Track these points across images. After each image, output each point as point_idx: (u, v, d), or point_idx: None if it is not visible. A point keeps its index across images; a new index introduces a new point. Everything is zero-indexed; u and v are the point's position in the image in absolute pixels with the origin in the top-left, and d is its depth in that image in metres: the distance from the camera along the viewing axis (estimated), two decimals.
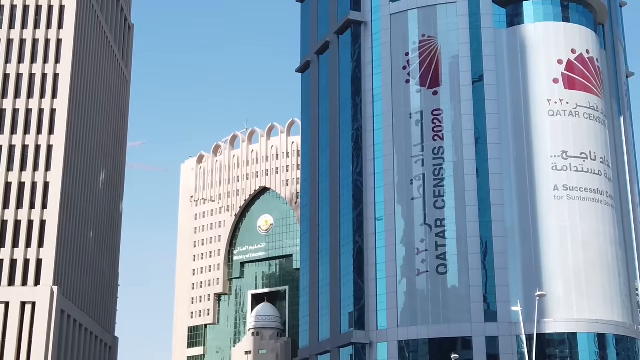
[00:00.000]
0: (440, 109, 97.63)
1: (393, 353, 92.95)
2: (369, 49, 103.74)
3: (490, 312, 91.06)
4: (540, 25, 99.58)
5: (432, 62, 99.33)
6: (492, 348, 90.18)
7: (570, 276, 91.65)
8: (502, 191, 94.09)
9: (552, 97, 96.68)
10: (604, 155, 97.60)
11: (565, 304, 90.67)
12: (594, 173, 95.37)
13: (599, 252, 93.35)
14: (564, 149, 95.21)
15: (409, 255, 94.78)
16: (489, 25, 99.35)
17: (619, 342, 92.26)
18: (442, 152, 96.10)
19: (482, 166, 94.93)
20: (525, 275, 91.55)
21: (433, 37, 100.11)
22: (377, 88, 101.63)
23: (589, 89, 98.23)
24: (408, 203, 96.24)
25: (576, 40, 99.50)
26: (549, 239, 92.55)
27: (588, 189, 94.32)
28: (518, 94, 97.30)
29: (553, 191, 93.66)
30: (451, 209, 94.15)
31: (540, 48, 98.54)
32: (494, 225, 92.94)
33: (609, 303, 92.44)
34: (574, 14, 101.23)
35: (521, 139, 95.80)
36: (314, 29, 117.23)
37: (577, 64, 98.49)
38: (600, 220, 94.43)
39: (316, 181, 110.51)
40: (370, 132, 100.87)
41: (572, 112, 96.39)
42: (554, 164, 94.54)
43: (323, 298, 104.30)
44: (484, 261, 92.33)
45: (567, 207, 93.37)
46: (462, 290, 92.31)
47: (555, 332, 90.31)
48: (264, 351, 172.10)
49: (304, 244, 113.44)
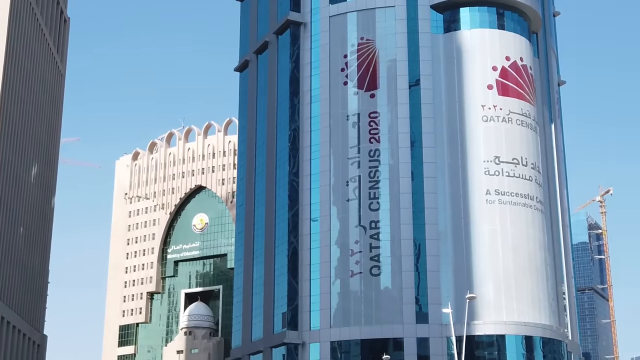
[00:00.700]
0: (377, 112, 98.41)
1: (325, 353, 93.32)
2: (308, 50, 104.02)
3: (422, 314, 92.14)
4: (476, 32, 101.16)
5: (370, 65, 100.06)
6: (422, 349, 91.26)
7: (500, 279, 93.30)
8: (436, 194, 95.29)
9: (486, 103, 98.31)
10: (535, 161, 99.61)
11: (494, 307, 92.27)
12: (524, 178, 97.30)
13: (528, 256, 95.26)
14: (497, 154, 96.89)
15: (343, 256, 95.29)
16: (426, 30, 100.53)
17: (545, 345, 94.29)
18: (378, 155, 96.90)
19: (417, 169, 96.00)
20: (456, 278, 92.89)
21: (371, 40, 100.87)
22: (315, 89, 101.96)
23: (522, 95, 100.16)
24: (343, 204, 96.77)
25: (511, 47, 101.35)
26: (480, 243, 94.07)
27: (519, 194, 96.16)
28: (453, 99, 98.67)
29: (485, 195, 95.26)
30: (386, 211, 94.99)
31: (475, 54, 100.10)
32: (428, 228, 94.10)
33: (536, 306, 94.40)
34: (509, 22, 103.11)
35: (455, 144, 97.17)
36: (254, 29, 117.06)
37: (511, 71, 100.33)
38: (530, 225, 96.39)
39: (252, 181, 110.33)
40: (307, 133, 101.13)
41: (505, 118, 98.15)
42: (486, 169, 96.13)
43: (257, 298, 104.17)
44: (416, 263, 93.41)
45: (498, 212, 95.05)
46: (394, 292, 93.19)
47: (485, 334, 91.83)
48: (196, 350, 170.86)
49: (239, 243, 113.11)
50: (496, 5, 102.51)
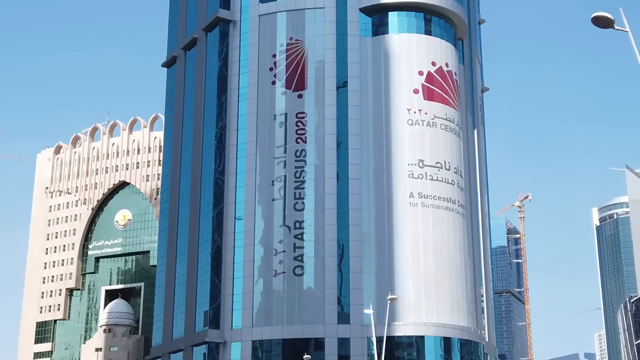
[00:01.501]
0: (305, 112, 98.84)
1: (246, 353, 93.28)
2: (237, 48, 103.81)
3: (344, 314, 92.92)
4: (403, 37, 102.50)
5: (299, 65, 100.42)
6: (343, 349, 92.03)
7: (421, 281, 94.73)
8: (361, 196, 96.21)
9: (412, 107, 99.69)
10: (458, 165, 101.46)
11: (415, 308, 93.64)
12: (447, 182, 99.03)
13: (448, 259, 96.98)
14: (421, 157, 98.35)
15: (267, 255, 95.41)
16: (355, 33, 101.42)
17: (463, 346, 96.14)
18: (304, 155, 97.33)
19: (342, 170, 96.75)
20: (378, 279, 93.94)
21: (300, 40, 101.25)
22: (243, 88, 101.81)
23: (446, 100, 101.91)
24: (268, 204, 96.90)
25: (437, 53, 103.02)
26: (402, 245, 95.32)
27: (441, 198, 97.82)
28: (380, 101, 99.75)
29: (409, 198, 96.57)
30: (310, 212, 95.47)
31: (402, 58, 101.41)
32: (351, 229, 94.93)
33: (455, 308, 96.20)
34: (436, 28, 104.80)
35: (381, 146, 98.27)
36: (182, 25, 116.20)
37: (436, 76, 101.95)
38: (452, 228, 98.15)
39: (177, 178, 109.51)
40: (234, 131, 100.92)
41: (429, 122, 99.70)
42: (410, 172, 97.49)
43: (179, 296, 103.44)
44: (339, 264, 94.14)
45: (421, 214, 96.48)
46: (317, 292, 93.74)
47: (404, 335, 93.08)
48: (115, 348, 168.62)
49: (162, 240, 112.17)
50: (424, 11, 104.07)
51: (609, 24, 29.65)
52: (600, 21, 29.58)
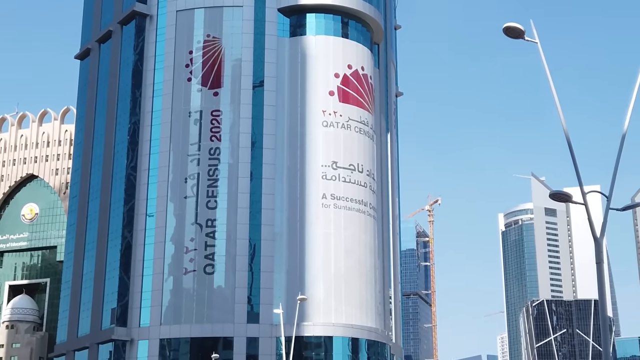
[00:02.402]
0: (220, 110, 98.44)
1: (154, 351, 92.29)
2: (153, 43, 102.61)
3: (253, 314, 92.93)
4: (321, 38, 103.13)
5: (215, 63, 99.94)
6: (252, 349, 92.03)
7: (331, 282, 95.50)
8: (274, 196, 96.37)
9: (327, 109, 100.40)
10: (370, 168, 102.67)
11: (324, 309, 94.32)
12: (360, 185, 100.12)
13: (359, 261, 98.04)
14: (335, 159, 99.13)
15: (177, 253, 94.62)
16: (272, 33, 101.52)
17: (370, 347, 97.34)
18: (218, 153, 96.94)
19: (256, 170, 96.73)
20: (289, 279, 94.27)
21: (218, 38, 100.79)
22: (158, 83, 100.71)
23: (361, 104, 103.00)
24: (181, 201, 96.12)
25: (353, 56, 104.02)
26: (314, 245, 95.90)
27: (354, 200, 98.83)
28: (295, 102, 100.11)
29: (321, 199, 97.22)
30: (223, 210, 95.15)
31: (319, 60, 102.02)
32: (264, 229, 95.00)
33: (364, 309, 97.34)
34: (353, 31, 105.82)
35: (295, 147, 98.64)
36: (97, 16, 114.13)
37: (352, 79, 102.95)
38: (363, 230, 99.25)
39: (88, 172, 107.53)
40: (147, 127, 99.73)
41: (344, 124, 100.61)
42: (324, 173, 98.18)
43: (86, 292, 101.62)
44: (251, 263, 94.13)
45: (333, 216, 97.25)
46: (227, 291, 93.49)
47: (313, 335, 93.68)
48: (18, 345, 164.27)
49: (70, 235, 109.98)
50: (341, 14, 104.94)
51: (520, 34, 30.51)
52: (511, 31, 30.43)
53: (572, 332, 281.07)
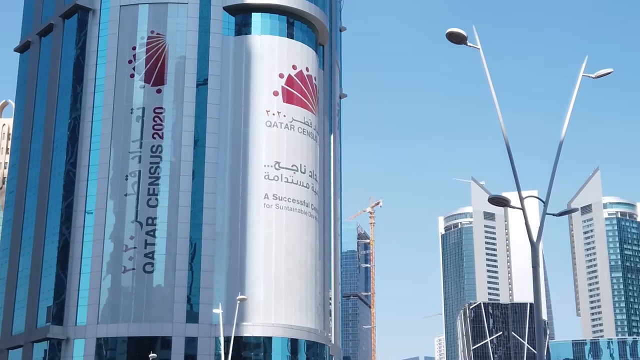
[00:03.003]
0: (163, 108, 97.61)
1: (90, 350, 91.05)
2: (96, 37, 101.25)
3: (193, 313, 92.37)
4: (266, 38, 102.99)
5: (159, 59, 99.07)
6: (190, 349, 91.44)
7: (271, 282, 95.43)
8: (216, 195, 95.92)
9: (271, 109, 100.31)
10: (313, 169, 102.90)
11: (264, 309, 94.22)
12: (302, 185, 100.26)
13: (299, 261, 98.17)
14: (277, 159, 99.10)
15: (116, 251, 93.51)
16: (217, 31, 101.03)
17: (309, 348, 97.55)
18: (161, 151, 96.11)
19: (198, 168, 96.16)
20: (229, 279, 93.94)
21: (162, 35, 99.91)
22: (100, 79, 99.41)
23: (305, 104, 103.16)
24: (121, 199, 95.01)
25: (298, 57, 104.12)
26: (255, 245, 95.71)
27: (296, 200, 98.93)
28: (239, 101, 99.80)
29: (263, 199, 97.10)
30: (164, 208, 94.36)
31: (264, 60, 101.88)
32: (205, 228, 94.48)
33: (304, 310, 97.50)
34: (298, 32, 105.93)
35: (238, 146, 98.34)
36: (39, 9, 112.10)
37: (296, 79, 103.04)
38: (304, 231, 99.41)
39: (26, 167, 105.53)
40: (88, 123, 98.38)
41: (287, 125, 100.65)
42: (266, 173, 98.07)
43: (21, 290, 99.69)
44: (191, 262, 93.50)
45: (274, 216, 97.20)
46: (166, 290, 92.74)
47: (252, 336, 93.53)
48: None
49: (6, 232, 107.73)
50: (287, 14, 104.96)
51: (462, 40, 30.94)
52: (454, 37, 30.84)
53: (507, 334, 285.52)
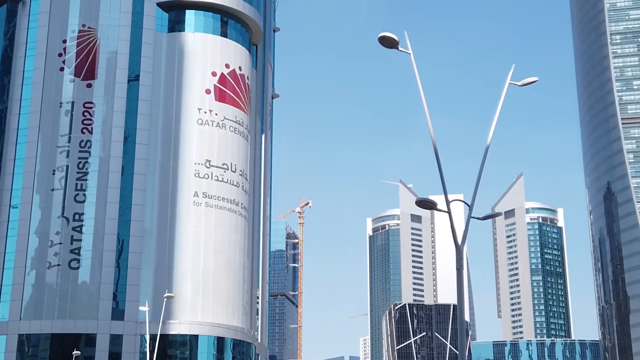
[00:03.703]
0: (93, 103, 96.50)
1: (11, 347, 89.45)
2: (25, 29, 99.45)
3: (118, 311, 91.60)
4: (199, 36, 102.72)
5: (90, 53, 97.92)
6: (115, 346, 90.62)
7: (199, 280, 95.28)
8: (145, 192, 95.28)
9: (203, 107, 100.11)
10: (244, 168, 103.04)
11: (191, 307, 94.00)
12: (232, 184, 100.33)
13: (228, 260, 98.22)
14: (208, 157, 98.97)
15: (41, 246, 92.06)
16: (150, 27, 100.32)
17: (235, 346, 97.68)
18: (89, 146, 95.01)
19: (127, 165, 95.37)
20: (157, 277, 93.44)
21: (93, 29, 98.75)
22: (28, 71, 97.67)
23: (237, 103, 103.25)
24: (47, 193, 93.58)
25: (231, 55, 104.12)
26: (184, 243, 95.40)
27: (225, 199, 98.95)
28: (171, 98, 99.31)
29: (193, 197, 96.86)
30: (91, 204, 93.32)
31: (197, 57, 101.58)
32: (133, 225, 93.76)
33: (231, 308, 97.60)
34: (232, 31, 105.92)
35: (169, 143, 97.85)
36: None
37: (229, 78, 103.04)
38: (233, 230, 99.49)
39: None
40: (15, 116, 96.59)
41: (219, 123, 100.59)
42: (197, 171, 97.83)
43: None
44: (118, 259, 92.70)
45: (204, 214, 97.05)
46: (92, 287, 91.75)
47: (179, 334, 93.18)
48: None
49: None
50: (221, 12, 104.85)
51: (394, 44, 31.70)
52: (386, 41, 31.59)
53: (431, 335, 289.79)
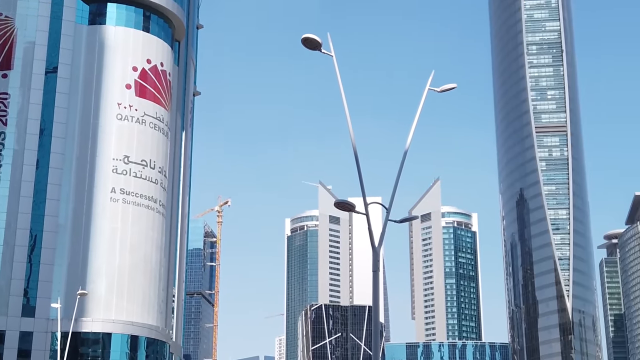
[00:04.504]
0: (8, 94, 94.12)
1: None
2: None
3: (29, 307, 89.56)
4: (120, 30, 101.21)
5: (6, 43, 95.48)
6: (25, 343, 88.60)
7: (114, 278, 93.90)
8: (60, 186, 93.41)
9: (123, 102, 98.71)
10: (163, 165, 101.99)
11: (105, 305, 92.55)
12: (151, 181, 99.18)
13: (144, 257, 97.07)
14: (127, 153, 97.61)
15: None
16: (70, 19, 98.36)
17: (149, 345, 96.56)
18: (3, 138, 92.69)
19: (43, 158, 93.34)
20: (70, 273, 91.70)
21: (11, 18, 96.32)
22: None
23: (158, 100, 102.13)
24: None
25: (153, 51, 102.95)
26: (99, 239, 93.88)
27: (144, 196, 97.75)
28: (90, 92, 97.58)
29: (110, 193, 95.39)
30: (4, 198, 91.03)
31: (118, 52, 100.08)
32: (47, 220, 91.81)
33: (146, 307, 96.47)
34: (155, 26, 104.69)
35: (87, 137, 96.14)
36: None
37: (150, 74, 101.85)
38: (151, 227, 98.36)
39: None
40: None
41: (139, 119, 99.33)
42: (115, 167, 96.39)
43: None
44: (30, 255, 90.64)
45: (121, 210, 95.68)
46: (2, 282, 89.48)
47: (91, 332, 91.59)
48: None
49: None
50: (143, 7, 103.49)
51: (317, 46, 31.99)
52: (309, 43, 31.84)
53: (346, 336, 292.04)
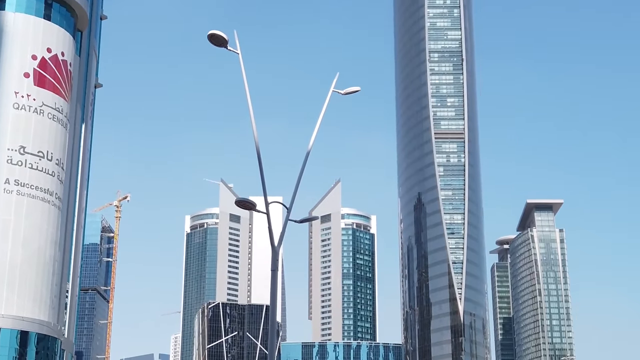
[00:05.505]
0: None
1: None
2: None
3: None
4: (20, 16, 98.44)
5: None
6: None
7: (4, 271, 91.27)
8: None
9: (20, 91, 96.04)
10: (60, 157, 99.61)
11: None
12: (47, 173, 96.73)
13: (38, 251, 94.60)
14: (23, 144, 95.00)
15: None
16: None
17: (40, 341, 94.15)
18: None
19: None
20: None
21: None
22: None
23: (58, 90, 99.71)
24: None
25: (54, 40, 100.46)
26: None
27: (39, 188, 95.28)
28: None
29: (4, 184, 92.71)
30: None
31: (16, 39, 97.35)
32: None
33: (38, 302, 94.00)
34: (56, 14, 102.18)
35: None
36: None
37: (50, 63, 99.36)
38: (45, 220, 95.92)
39: None
40: None
41: (37, 109, 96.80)
42: (9, 157, 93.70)
43: None
44: None
45: (15, 202, 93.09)
46: None
47: None
48: None
49: None
50: None
51: (223, 43, 32.05)
52: (215, 39, 31.86)
53: (242, 335, 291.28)
